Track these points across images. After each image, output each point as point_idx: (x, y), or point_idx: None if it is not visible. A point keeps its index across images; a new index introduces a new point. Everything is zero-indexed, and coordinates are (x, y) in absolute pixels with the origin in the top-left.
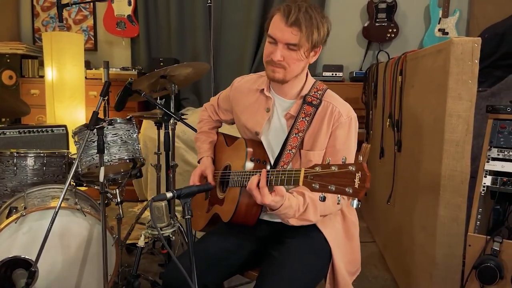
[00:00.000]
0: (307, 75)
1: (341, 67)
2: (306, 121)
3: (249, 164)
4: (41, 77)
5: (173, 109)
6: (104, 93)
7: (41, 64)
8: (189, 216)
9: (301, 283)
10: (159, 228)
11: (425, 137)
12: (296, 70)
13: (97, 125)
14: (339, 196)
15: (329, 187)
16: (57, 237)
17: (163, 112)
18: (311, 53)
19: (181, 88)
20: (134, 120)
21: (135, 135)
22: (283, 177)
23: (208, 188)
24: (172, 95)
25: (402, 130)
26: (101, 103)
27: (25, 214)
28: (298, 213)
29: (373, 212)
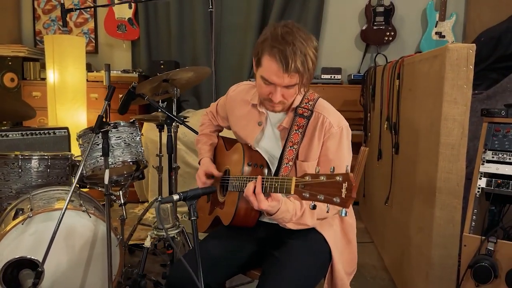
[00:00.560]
0: None
1: (340, 69)
2: (299, 133)
3: (246, 169)
4: (43, 79)
5: (175, 112)
6: (109, 97)
7: (42, 67)
8: (195, 218)
9: (302, 282)
10: (166, 229)
11: (421, 140)
12: (293, 99)
13: (102, 128)
14: (327, 205)
15: (318, 196)
16: (63, 238)
17: (165, 115)
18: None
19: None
20: (137, 123)
21: (138, 138)
22: (276, 184)
23: (212, 190)
24: (174, 98)
25: (400, 132)
26: (106, 107)
27: (31, 215)
28: (295, 217)
29: (371, 213)
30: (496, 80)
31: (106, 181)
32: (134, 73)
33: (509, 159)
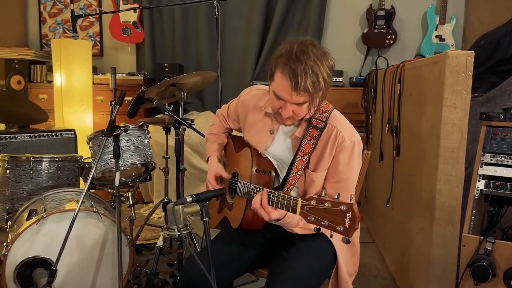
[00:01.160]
0: None
1: (341, 72)
2: (311, 143)
3: (254, 174)
4: (49, 82)
5: (181, 115)
6: (120, 102)
7: (49, 70)
8: (207, 219)
9: (309, 281)
10: (180, 229)
11: (422, 143)
12: (306, 116)
13: (114, 132)
14: (331, 231)
15: (322, 222)
16: (74, 238)
17: (173, 119)
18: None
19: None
20: (145, 127)
21: (146, 141)
22: (283, 202)
23: (223, 192)
24: (181, 102)
25: (401, 135)
26: (117, 111)
27: (45, 216)
28: (302, 221)
29: (373, 214)
30: (495, 83)
31: (117, 182)
32: (139, 75)
33: (507, 161)
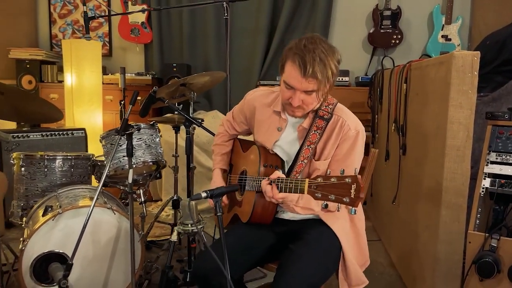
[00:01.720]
0: None
1: (347, 72)
2: (317, 133)
3: (262, 169)
4: (60, 82)
5: (192, 114)
6: (133, 101)
7: (59, 70)
8: (220, 214)
9: (317, 273)
10: (196, 224)
11: (428, 142)
12: (314, 106)
13: (127, 131)
14: (338, 204)
15: (329, 196)
16: (89, 233)
17: (182, 118)
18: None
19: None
20: (157, 125)
21: (157, 139)
22: (290, 185)
23: (235, 188)
24: (191, 102)
25: (407, 134)
26: (130, 111)
27: (61, 212)
28: (302, 199)
29: (379, 212)
30: (501, 83)
31: (130, 180)
32: (148, 75)
33: None
